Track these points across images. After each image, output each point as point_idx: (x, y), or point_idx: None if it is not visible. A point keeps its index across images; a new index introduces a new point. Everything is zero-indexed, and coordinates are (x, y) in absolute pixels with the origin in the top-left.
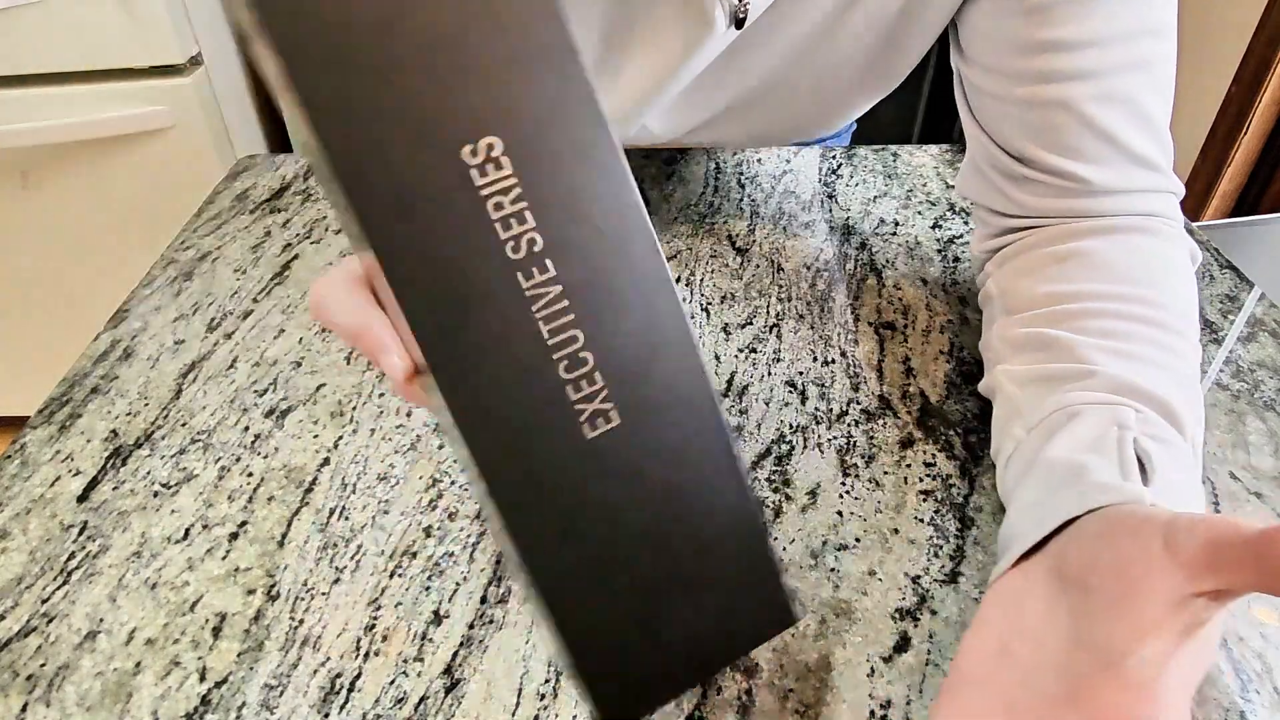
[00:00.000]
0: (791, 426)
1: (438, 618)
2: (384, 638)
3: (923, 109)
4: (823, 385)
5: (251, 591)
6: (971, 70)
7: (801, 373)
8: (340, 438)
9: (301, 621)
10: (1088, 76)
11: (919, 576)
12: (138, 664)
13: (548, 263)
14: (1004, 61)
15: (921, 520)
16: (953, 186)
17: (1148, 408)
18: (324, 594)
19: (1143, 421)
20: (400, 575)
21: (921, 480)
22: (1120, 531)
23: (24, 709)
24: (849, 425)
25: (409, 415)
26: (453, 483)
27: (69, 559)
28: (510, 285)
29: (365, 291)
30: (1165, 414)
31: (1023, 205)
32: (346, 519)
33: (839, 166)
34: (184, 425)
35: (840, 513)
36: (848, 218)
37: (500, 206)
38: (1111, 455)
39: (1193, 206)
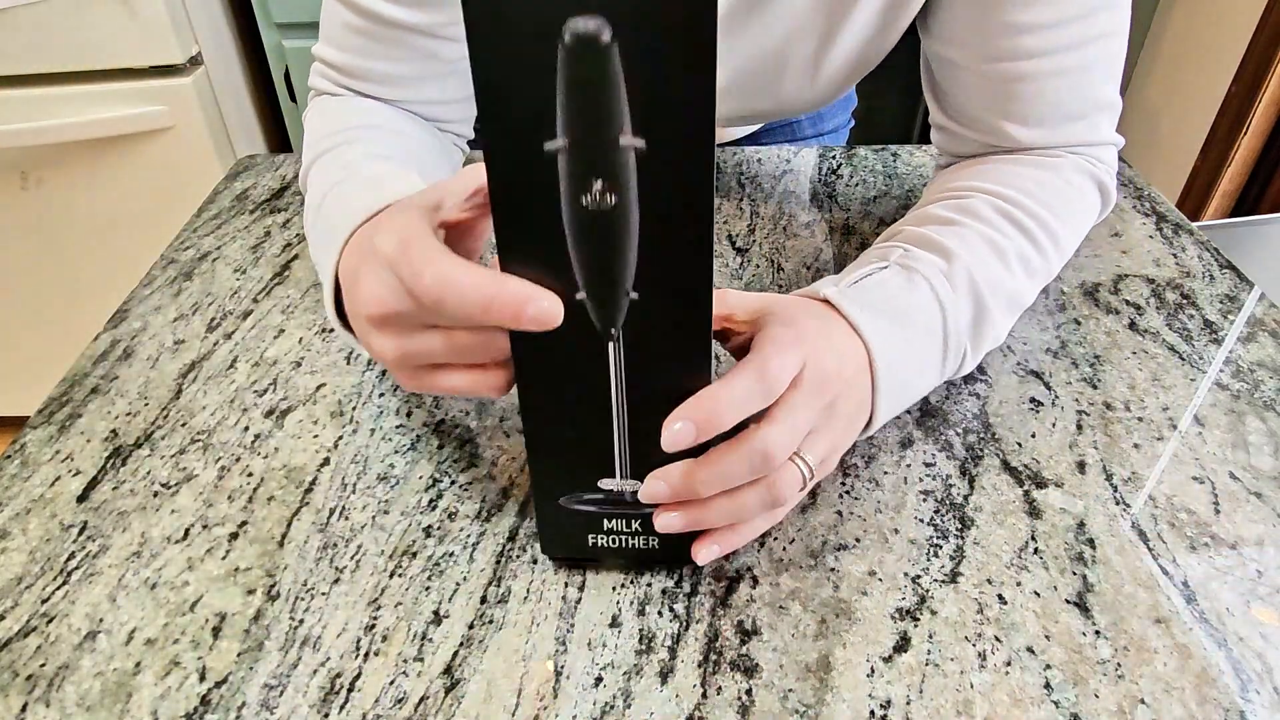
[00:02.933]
0: None
1: (438, 618)
2: (384, 638)
3: (923, 109)
4: None
5: (251, 591)
6: (940, 46)
7: None
8: (340, 438)
9: (301, 621)
10: (1047, 53)
11: (919, 576)
12: (137, 664)
13: None
14: (971, 39)
15: (921, 520)
16: None
17: (916, 247)
18: (324, 594)
19: (904, 255)
20: (400, 575)
21: (921, 480)
22: (803, 303)
23: (24, 709)
24: None
25: (409, 415)
26: (453, 483)
27: (69, 559)
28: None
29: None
30: (937, 251)
31: (965, 149)
32: (346, 519)
33: (839, 166)
34: (184, 425)
35: (840, 513)
36: (848, 218)
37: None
38: (845, 273)
39: (1193, 206)
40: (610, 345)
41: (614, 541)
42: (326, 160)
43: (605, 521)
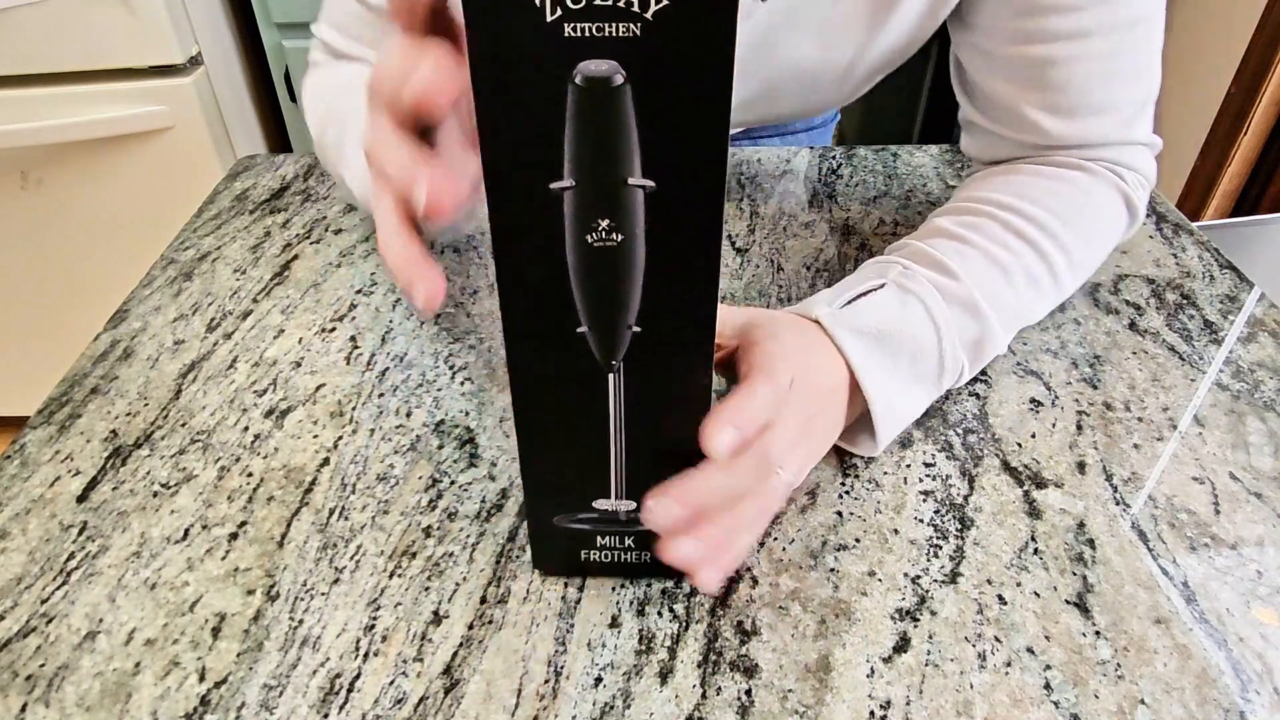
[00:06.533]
0: None
1: (437, 618)
2: (383, 638)
3: (923, 109)
4: None
5: (251, 592)
6: (970, 36)
7: None
8: (340, 438)
9: (301, 622)
10: (1076, 36)
11: (919, 577)
12: (137, 664)
13: None
14: (1001, 22)
15: (921, 520)
16: (954, 186)
17: (916, 264)
18: (323, 594)
19: (901, 273)
20: (400, 575)
21: (921, 480)
22: (789, 319)
23: (23, 709)
24: None
25: (409, 415)
26: (452, 483)
27: (69, 559)
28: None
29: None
30: (937, 269)
31: (993, 152)
32: (346, 519)
33: (839, 166)
34: (184, 425)
35: (840, 513)
36: (848, 218)
37: None
38: (842, 288)
39: (1193, 206)
40: (610, 376)
41: (607, 557)
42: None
43: (599, 538)
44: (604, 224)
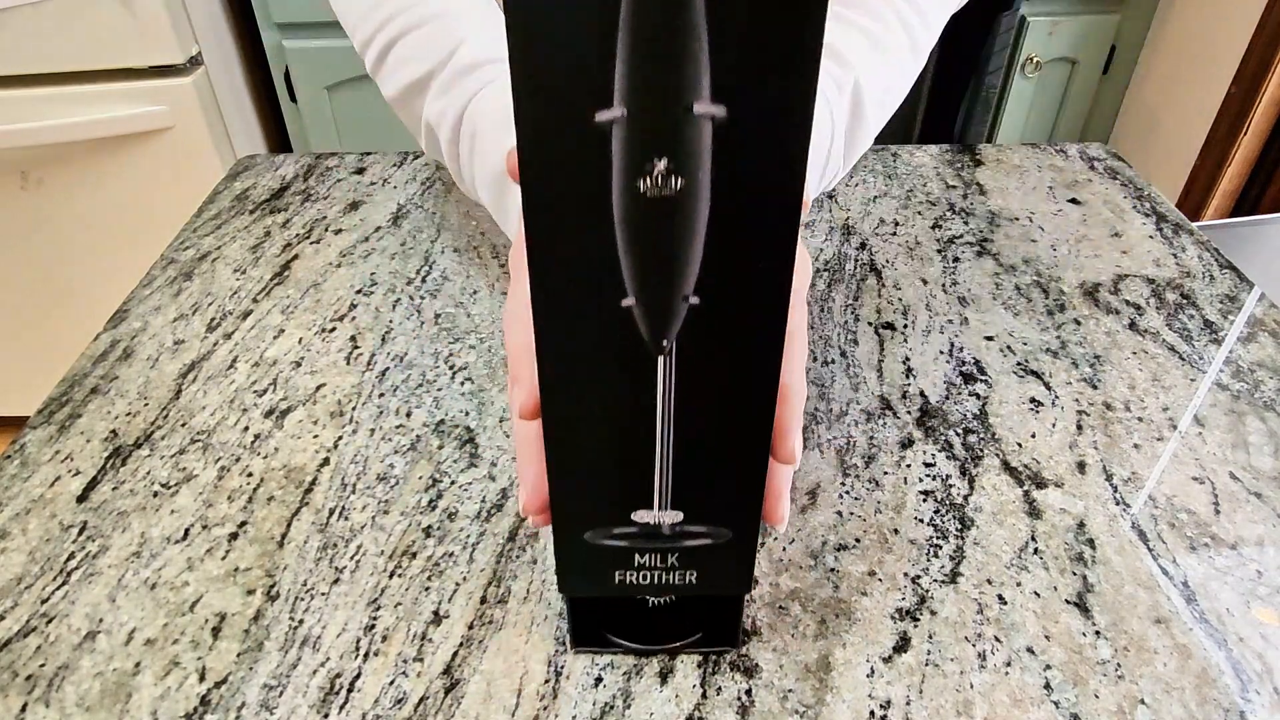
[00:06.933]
0: None
1: (437, 618)
2: (384, 638)
3: (923, 109)
4: (823, 385)
5: (251, 591)
6: None
7: None
8: (340, 438)
9: (301, 621)
10: None
11: (919, 577)
12: (137, 664)
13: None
14: None
15: (921, 520)
16: (954, 187)
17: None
18: (324, 594)
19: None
20: (400, 575)
21: (921, 480)
22: None
23: (23, 709)
24: (849, 425)
25: (409, 415)
26: (452, 483)
27: (69, 559)
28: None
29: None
30: (832, 57)
31: None
32: (346, 519)
33: None
34: (184, 425)
35: (840, 513)
36: (848, 218)
37: None
38: None
39: (1193, 206)
40: (660, 360)
41: (645, 578)
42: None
43: (637, 556)
44: (660, 165)
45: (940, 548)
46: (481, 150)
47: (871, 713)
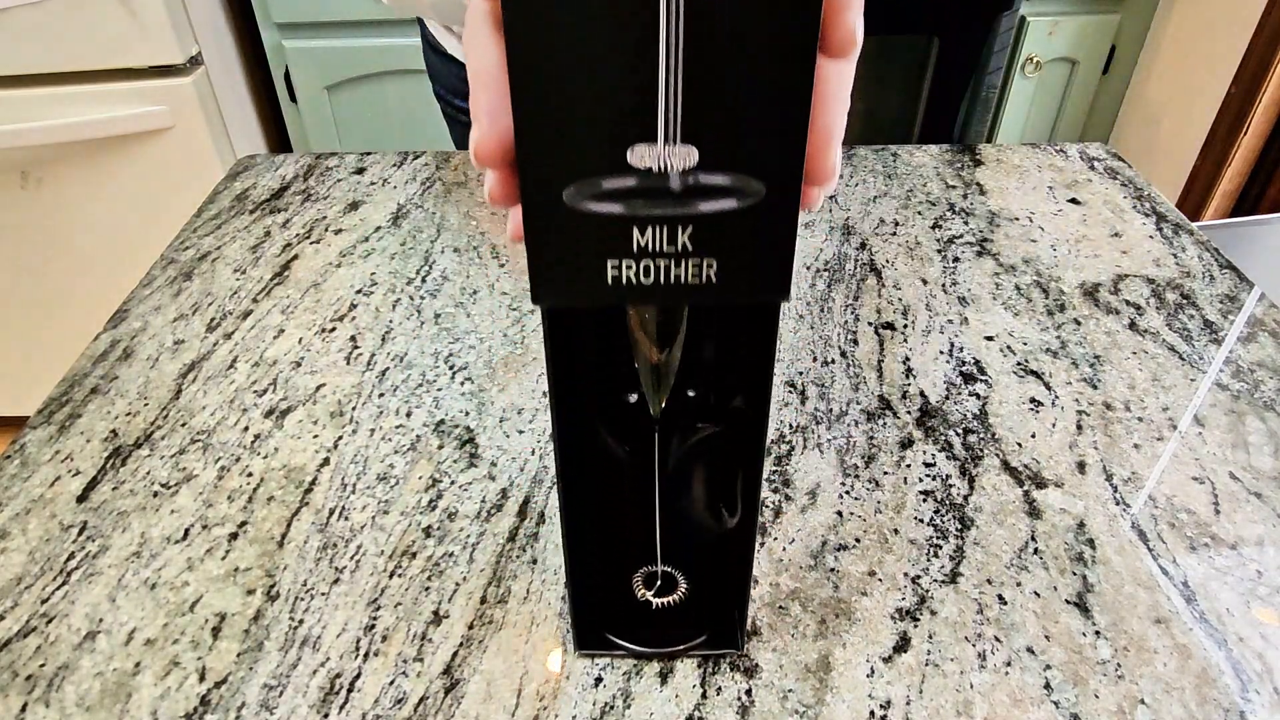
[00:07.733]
0: (791, 427)
1: (437, 618)
2: (384, 638)
3: (922, 109)
4: (823, 385)
5: (251, 592)
6: None
7: (801, 373)
8: (340, 438)
9: (301, 622)
10: None
11: (919, 576)
12: (137, 664)
13: None
14: None
15: (921, 520)
16: (954, 187)
17: None
18: (324, 594)
19: None
20: (400, 575)
21: (921, 480)
22: None
23: (24, 709)
24: (849, 425)
25: (409, 415)
26: (452, 483)
27: (69, 559)
28: None
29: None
30: None
31: None
32: (346, 519)
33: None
34: (184, 425)
35: (840, 513)
36: (848, 218)
37: None
38: None
39: (1193, 206)
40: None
41: (647, 273)
42: None
43: (636, 234)
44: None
45: (940, 548)
46: None
47: (871, 713)
